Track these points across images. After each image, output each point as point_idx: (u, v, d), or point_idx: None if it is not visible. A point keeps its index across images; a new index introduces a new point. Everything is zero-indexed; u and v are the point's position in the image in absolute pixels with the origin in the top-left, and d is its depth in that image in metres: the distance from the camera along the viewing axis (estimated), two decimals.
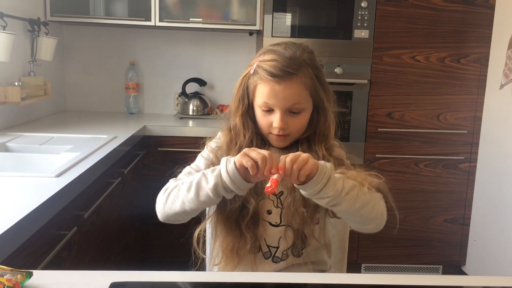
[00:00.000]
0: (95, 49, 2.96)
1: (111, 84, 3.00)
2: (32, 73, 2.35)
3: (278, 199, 1.14)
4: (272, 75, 1.07)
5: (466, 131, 2.66)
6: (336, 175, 0.99)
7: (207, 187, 0.98)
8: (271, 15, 2.49)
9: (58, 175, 1.41)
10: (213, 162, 1.13)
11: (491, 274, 2.55)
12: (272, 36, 2.49)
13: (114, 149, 1.86)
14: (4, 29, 1.98)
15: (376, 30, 2.52)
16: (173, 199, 1.04)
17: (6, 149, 1.86)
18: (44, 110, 2.65)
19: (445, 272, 2.83)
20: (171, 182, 1.09)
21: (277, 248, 1.14)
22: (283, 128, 1.10)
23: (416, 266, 2.81)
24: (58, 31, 2.81)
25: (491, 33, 2.56)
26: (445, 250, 2.78)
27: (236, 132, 1.16)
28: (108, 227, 1.89)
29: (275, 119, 1.09)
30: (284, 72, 1.07)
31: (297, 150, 1.12)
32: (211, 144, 1.19)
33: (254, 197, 1.09)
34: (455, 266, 2.83)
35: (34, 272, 0.84)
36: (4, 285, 0.77)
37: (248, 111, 1.15)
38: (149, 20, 2.62)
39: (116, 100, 3.01)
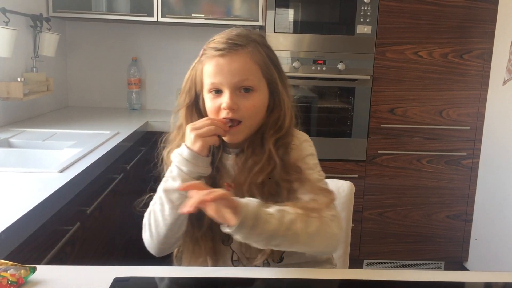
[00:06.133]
0: (98, 45, 2.96)
1: (113, 80, 3.00)
2: (34, 69, 2.35)
3: None
4: (217, 49, 0.98)
5: (468, 127, 2.65)
6: (271, 209, 0.88)
7: (175, 188, 0.94)
8: (274, 11, 2.49)
9: (61, 171, 1.41)
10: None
11: (493, 270, 2.55)
12: (274, 32, 2.49)
13: (117, 145, 1.86)
14: (6, 25, 1.98)
15: (379, 26, 2.52)
16: (155, 225, 1.00)
17: (9, 145, 1.87)
18: (47, 105, 2.65)
19: (447, 268, 2.83)
20: (145, 216, 1.04)
21: (255, 258, 1.04)
22: (232, 109, 0.97)
23: (418, 262, 2.82)
24: (60, 27, 2.81)
25: (494, 29, 2.55)
26: (447, 246, 2.78)
27: (181, 126, 1.05)
28: (111, 223, 1.89)
29: (224, 99, 0.98)
30: (229, 44, 0.98)
31: (250, 147, 1.03)
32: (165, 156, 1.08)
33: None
34: (457, 262, 2.83)
35: (38, 267, 0.84)
36: (8, 280, 0.77)
37: (195, 104, 1.05)
38: (151, 15, 2.62)
39: (119, 96, 3.01)
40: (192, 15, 2.68)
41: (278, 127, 1.03)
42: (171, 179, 0.97)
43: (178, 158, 0.96)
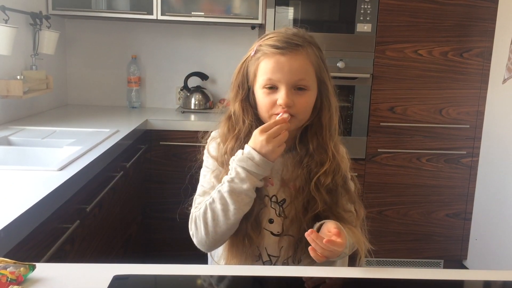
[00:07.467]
0: (97, 43, 2.95)
1: (113, 78, 3.00)
2: (34, 66, 2.35)
3: (281, 207, 1.09)
4: (277, 47, 1.02)
5: (468, 126, 2.65)
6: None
7: (243, 190, 0.98)
8: (274, 9, 2.48)
9: (61, 169, 1.41)
10: (221, 170, 1.08)
11: (492, 268, 2.55)
12: (274, 30, 2.48)
13: (116, 143, 1.86)
14: (6, 23, 1.98)
15: (379, 24, 2.51)
16: (213, 224, 1.01)
17: (9, 143, 1.86)
18: (46, 103, 2.65)
19: (447, 266, 2.83)
20: (195, 211, 1.05)
21: (278, 257, 1.09)
22: (288, 105, 1.01)
23: (418, 260, 2.82)
24: (60, 25, 2.80)
25: (494, 27, 2.55)
26: (446, 245, 2.78)
27: (236, 119, 1.09)
28: (110, 221, 1.89)
29: (280, 95, 1.02)
30: (290, 43, 1.03)
31: (307, 150, 1.08)
32: (211, 151, 1.12)
33: (256, 201, 1.04)
34: (456, 260, 2.83)
35: (37, 265, 0.84)
36: (7, 277, 0.77)
37: (248, 97, 1.09)
38: (151, 14, 2.62)
39: (118, 94, 3.01)
40: (192, 13, 2.67)
41: (332, 128, 1.09)
42: (238, 181, 0.99)
43: (248, 163, 0.98)
